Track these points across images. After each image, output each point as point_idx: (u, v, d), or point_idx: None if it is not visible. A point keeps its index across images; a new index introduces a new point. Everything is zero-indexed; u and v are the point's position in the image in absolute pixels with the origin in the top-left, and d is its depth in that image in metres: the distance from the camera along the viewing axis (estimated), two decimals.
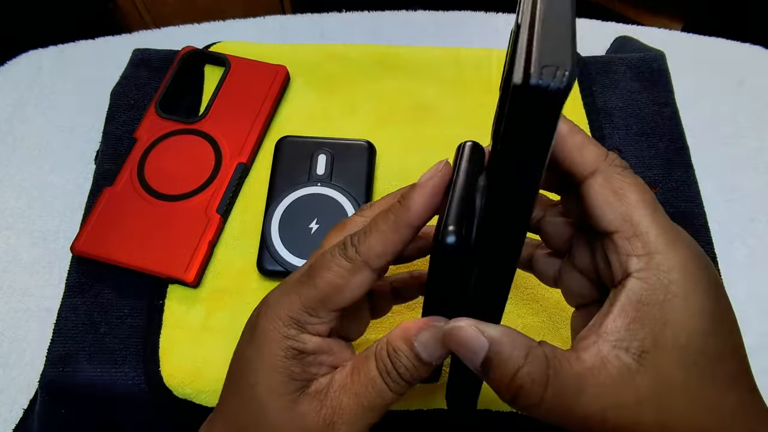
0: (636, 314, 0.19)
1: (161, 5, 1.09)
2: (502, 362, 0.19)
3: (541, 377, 0.19)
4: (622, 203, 0.20)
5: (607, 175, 0.21)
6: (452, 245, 0.19)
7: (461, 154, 0.22)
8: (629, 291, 0.19)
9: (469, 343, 0.20)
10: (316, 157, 0.39)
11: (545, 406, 0.19)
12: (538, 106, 0.14)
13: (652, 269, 0.19)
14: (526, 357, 0.19)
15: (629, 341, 0.19)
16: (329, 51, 0.46)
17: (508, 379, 0.19)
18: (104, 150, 0.41)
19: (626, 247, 0.20)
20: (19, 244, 0.41)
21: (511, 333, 0.20)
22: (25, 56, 0.51)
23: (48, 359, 0.34)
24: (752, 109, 0.46)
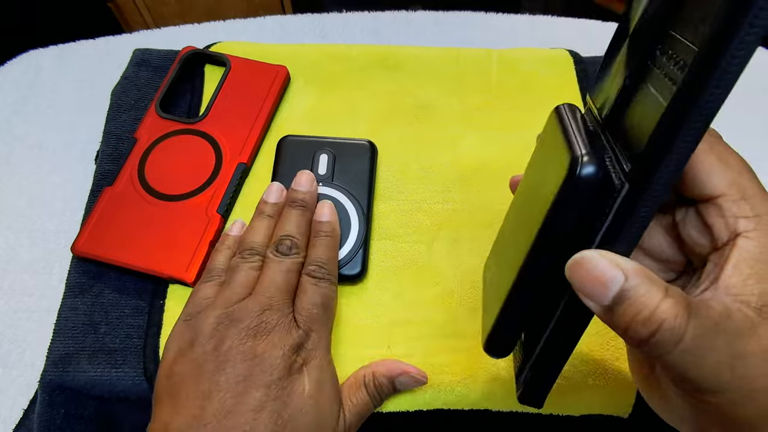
0: (751, 271, 0.19)
1: (161, 5, 1.09)
2: (640, 297, 0.18)
3: (684, 315, 0.18)
4: (728, 168, 0.21)
5: (710, 142, 0.21)
6: (594, 174, 0.18)
7: (565, 111, 0.22)
8: (741, 249, 0.20)
9: (601, 274, 0.18)
10: (317, 157, 0.39)
11: (682, 348, 0.18)
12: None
13: (763, 230, 0.20)
14: (666, 292, 0.18)
15: (749, 296, 0.19)
16: (329, 51, 0.46)
17: (647, 315, 0.18)
18: (104, 150, 0.41)
19: (733, 210, 0.20)
20: (19, 244, 0.41)
21: (645, 269, 0.19)
22: (25, 56, 0.51)
23: (48, 359, 0.34)
24: (753, 110, 0.46)
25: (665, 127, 0.17)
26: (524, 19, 0.53)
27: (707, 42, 0.15)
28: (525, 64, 0.45)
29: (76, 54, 0.51)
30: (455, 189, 0.40)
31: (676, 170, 0.17)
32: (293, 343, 0.28)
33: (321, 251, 0.33)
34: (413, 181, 0.40)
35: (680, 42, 0.17)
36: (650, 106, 0.18)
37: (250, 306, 0.29)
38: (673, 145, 0.17)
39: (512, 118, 0.42)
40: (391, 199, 0.39)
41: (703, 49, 0.15)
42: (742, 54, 0.15)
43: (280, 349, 0.28)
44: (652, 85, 0.19)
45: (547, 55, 0.45)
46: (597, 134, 0.21)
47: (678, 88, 0.16)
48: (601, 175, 0.18)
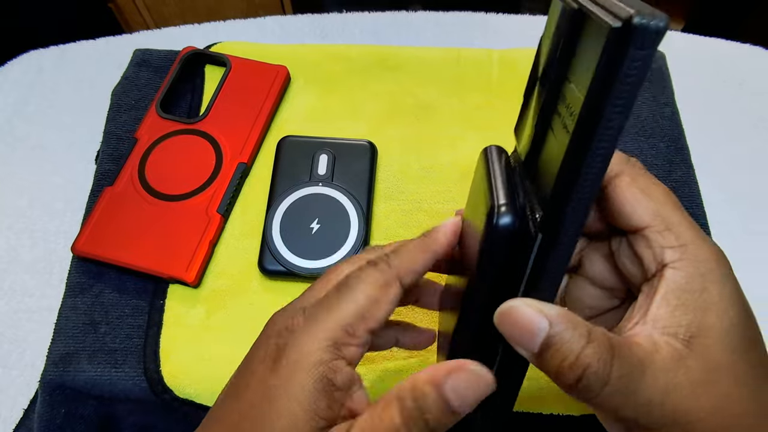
0: (678, 302, 0.20)
1: (162, 5, 1.09)
2: (564, 343, 0.18)
3: (607, 357, 0.18)
4: (651, 200, 0.21)
5: (632, 175, 0.22)
6: (510, 224, 0.19)
7: (490, 155, 0.23)
8: (668, 280, 0.20)
9: (527, 323, 0.18)
10: (317, 157, 0.39)
11: (609, 390, 0.18)
12: (641, 43, 0.14)
13: (688, 259, 0.20)
14: (589, 337, 0.18)
15: (676, 327, 0.19)
16: (329, 51, 0.46)
17: (572, 360, 0.18)
18: (105, 150, 0.41)
19: (659, 240, 0.21)
20: (20, 244, 0.41)
21: (569, 313, 0.19)
22: (25, 56, 0.51)
23: (48, 359, 0.34)
24: (752, 109, 0.46)
25: (564, 178, 0.17)
26: (524, 20, 0.53)
27: (590, 92, 0.16)
28: (525, 64, 0.45)
29: (76, 54, 0.51)
30: (455, 189, 0.40)
31: (581, 218, 0.18)
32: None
33: None
34: (413, 181, 0.40)
35: (572, 90, 0.17)
36: (553, 155, 0.18)
37: None
38: (572, 195, 0.17)
39: (512, 118, 0.42)
40: (391, 199, 0.39)
41: (588, 98, 0.16)
42: (622, 103, 0.15)
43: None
44: (555, 132, 0.19)
45: None
46: (519, 179, 0.22)
47: (569, 139, 0.17)
48: (517, 226, 0.19)
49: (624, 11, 0.14)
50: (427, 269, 0.23)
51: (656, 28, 0.14)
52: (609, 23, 0.15)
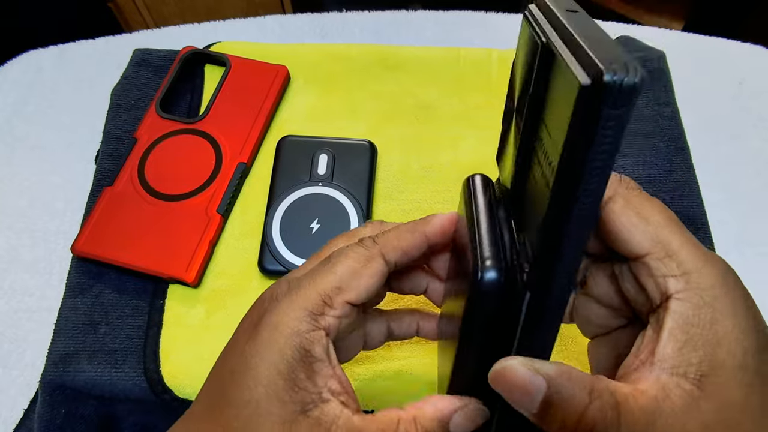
0: (686, 337, 0.18)
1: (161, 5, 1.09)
2: (564, 402, 0.17)
3: (613, 414, 0.17)
4: (648, 224, 0.20)
5: (626, 197, 0.20)
6: (495, 280, 0.18)
7: (473, 189, 0.22)
8: (674, 314, 0.19)
9: (523, 384, 0.18)
10: (317, 157, 0.39)
11: None
12: (613, 102, 0.13)
13: (693, 289, 0.19)
14: (591, 393, 0.17)
15: (686, 366, 0.18)
16: (329, 51, 0.46)
17: (575, 420, 0.17)
18: (104, 150, 0.41)
19: (661, 269, 0.19)
20: (20, 244, 0.41)
21: (568, 369, 0.18)
22: (25, 56, 0.51)
23: (48, 359, 0.34)
24: (752, 109, 0.46)
25: (547, 236, 0.16)
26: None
27: (564, 153, 0.14)
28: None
29: (76, 54, 0.51)
30: (455, 189, 0.39)
31: (570, 270, 0.17)
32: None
33: None
34: (413, 181, 0.40)
35: (547, 137, 0.16)
36: (536, 198, 0.17)
37: None
38: (556, 254, 0.16)
39: None
40: (391, 199, 0.39)
41: (562, 160, 0.15)
42: (600, 165, 0.14)
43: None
44: (534, 176, 0.18)
45: None
46: (504, 214, 0.21)
47: (550, 195, 0.16)
48: (502, 280, 0.18)
49: (593, 65, 0.13)
50: (415, 250, 0.23)
51: (630, 85, 0.13)
52: (578, 80, 0.13)
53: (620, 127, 0.14)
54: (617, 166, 0.40)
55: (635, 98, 0.13)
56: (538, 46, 0.17)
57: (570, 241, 0.16)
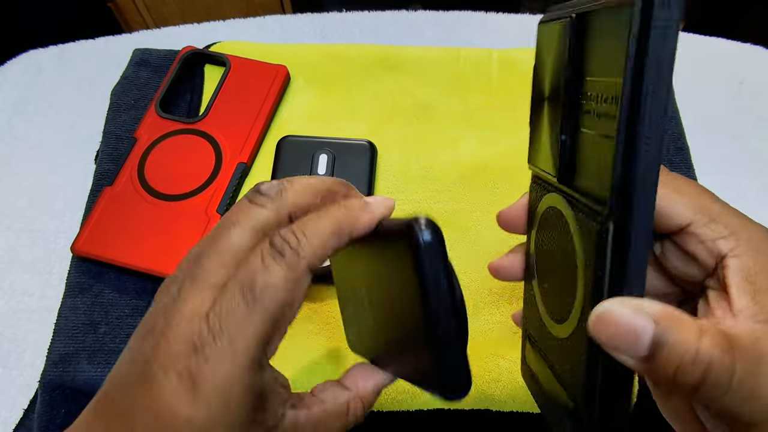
0: (755, 286, 0.19)
1: (161, 5, 1.09)
2: (676, 339, 0.16)
3: (727, 347, 0.16)
4: (688, 197, 0.21)
5: (661, 178, 0.21)
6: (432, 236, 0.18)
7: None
8: (734, 269, 0.19)
9: (629, 325, 0.16)
10: (317, 157, 0.39)
11: (735, 385, 0.16)
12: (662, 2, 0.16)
13: (744, 244, 0.19)
14: (701, 329, 0.17)
15: (766, 312, 0.18)
16: (329, 51, 0.46)
17: (692, 356, 0.16)
18: (104, 150, 0.41)
19: (709, 234, 0.20)
20: (20, 244, 0.41)
21: (671, 307, 0.17)
22: (25, 56, 0.51)
23: (48, 359, 0.34)
24: (752, 109, 0.46)
25: (625, 154, 0.17)
26: (525, 19, 0.53)
27: (629, 61, 0.17)
28: (526, 64, 0.45)
29: (76, 54, 0.51)
30: (455, 189, 0.39)
31: (652, 190, 0.17)
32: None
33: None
34: (413, 181, 0.40)
35: (600, 82, 0.18)
36: (600, 146, 0.18)
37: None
38: (636, 167, 0.17)
39: (512, 118, 0.42)
40: None
41: (628, 68, 0.17)
42: (662, 57, 0.17)
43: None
44: (589, 130, 0.19)
45: None
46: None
47: (618, 119, 0.17)
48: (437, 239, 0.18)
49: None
50: (338, 249, 0.20)
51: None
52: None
53: (673, 30, 0.16)
54: None
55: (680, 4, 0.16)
56: (571, 23, 0.20)
57: (649, 146, 0.17)
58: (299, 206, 0.21)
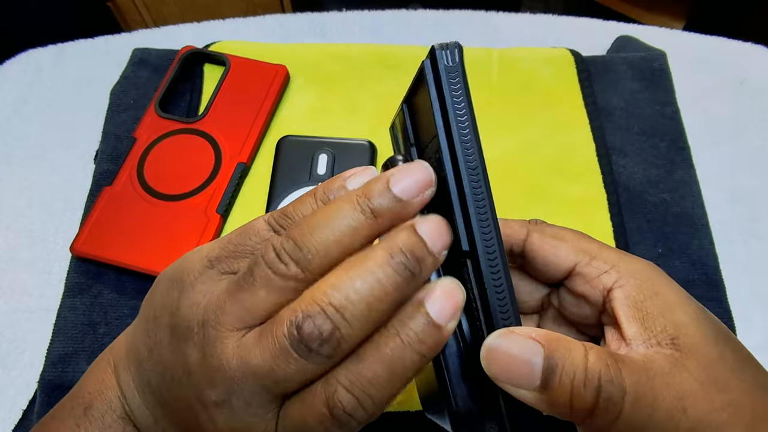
0: (642, 313, 0.19)
1: (161, 5, 1.09)
2: (566, 359, 0.17)
3: (612, 362, 0.17)
4: (566, 242, 0.22)
5: (539, 231, 0.23)
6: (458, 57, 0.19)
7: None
8: (620, 300, 0.20)
9: (520, 354, 0.16)
10: (317, 157, 0.39)
11: (630, 400, 0.17)
12: (448, 56, 0.18)
13: (626, 275, 0.20)
14: (586, 348, 0.17)
15: (656, 336, 0.19)
16: (329, 50, 0.45)
17: (582, 373, 0.17)
18: (104, 150, 0.41)
19: (592, 271, 0.21)
20: (19, 244, 0.41)
21: (553, 332, 0.18)
22: (24, 55, 0.51)
23: (47, 359, 0.34)
24: (753, 109, 0.46)
25: (455, 190, 0.19)
26: (525, 18, 0.53)
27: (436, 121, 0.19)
28: (525, 64, 0.44)
29: (75, 53, 0.51)
30: None
31: (485, 218, 0.18)
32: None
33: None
34: None
35: (431, 145, 0.21)
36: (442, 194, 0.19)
37: None
38: (466, 202, 0.18)
39: (512, 117, 0.42)
40: None
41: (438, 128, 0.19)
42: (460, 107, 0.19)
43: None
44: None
45: (547, 54, 0.45)
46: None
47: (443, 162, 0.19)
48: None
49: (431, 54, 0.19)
50: None
51: (454, 45, 0.18)
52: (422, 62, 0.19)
53: (459, 74, 0.18)
54: (618, 166, 0.40)
55: (459, 54, 0.18)
56: (404, 113, 0.23)
57: (472, 190, 0.18)
58: (330, 265, 0.18)
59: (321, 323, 0.16)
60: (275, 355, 0.16)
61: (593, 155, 0.41)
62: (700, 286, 0.36)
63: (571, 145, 0.41)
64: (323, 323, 0.16)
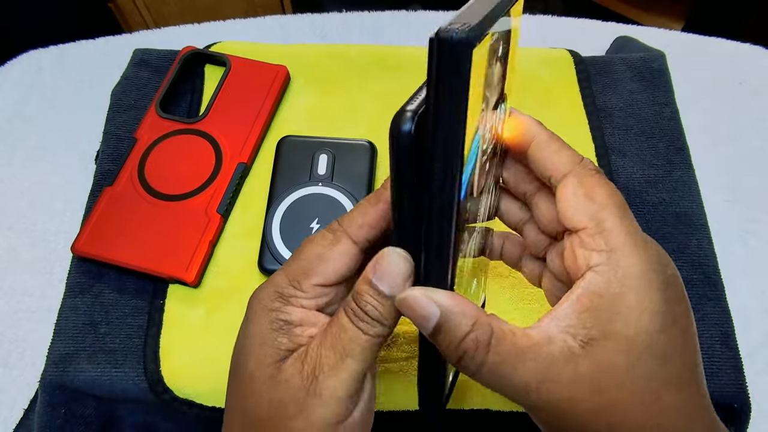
0: (589, 305, 0.20)
1: (161, 5, 1.09)
2: (451, 328, 0.20)
3: (485, 343, 0.20)
4: (592, 202, 0.22)
5: (580, 176, 0.22)
6: (408, 132, 0.20)
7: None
8: (587, 282, 0.21)
9: (421, 310, 0.20)
10: (317, 157, 0.39)
11: (486, 370, 0.20)
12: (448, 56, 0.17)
13: (611, 264, 0.21)
14: (473, 325, 0.20)
15: (577, 328, 0.20)
16: (329, 51, 0.46)
17: (456, 344, 0.20)
18: (104, 150, 0.41)
19: (590, 243, 0.21)
20: (20, 244, 0.41)
21: (461, 302, 0.20)
22: (25, 56, 0.51)
23: (48, 359, 0.34)
24: (752, 109, 0.46)
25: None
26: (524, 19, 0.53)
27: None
28: (525, 64, 0.45)
29: (76, 54, 0.51)
30: None
31: (439, 198, 0.19)
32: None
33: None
34: None
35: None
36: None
37: None
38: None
39: None
40: None
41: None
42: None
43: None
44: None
45: (547, 54, 0.45)
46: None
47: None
48: (413, 135, 0.21)
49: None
50: (382, 221, 0.23)
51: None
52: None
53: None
54: (617, 166, 0.40)
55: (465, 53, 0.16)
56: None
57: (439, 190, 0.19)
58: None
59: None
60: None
61: (592, 155, 0.41)
62: (699, 285, 0.36)
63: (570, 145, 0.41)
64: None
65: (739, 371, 0.34)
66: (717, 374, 0.34)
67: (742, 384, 0.34)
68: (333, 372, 0.21)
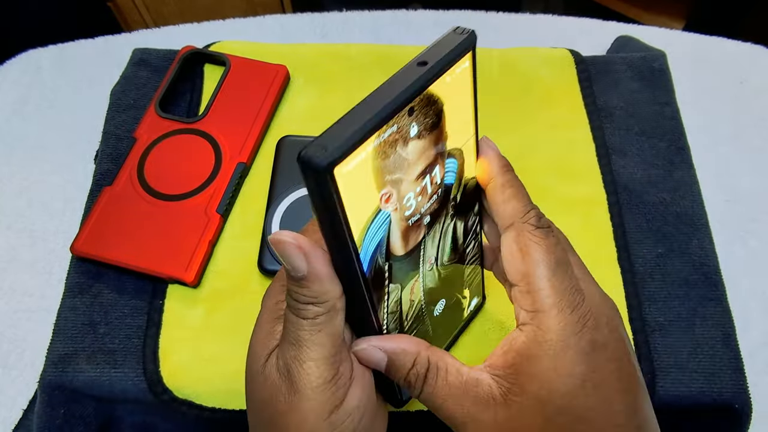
0: (512, 361, 0.22)
1: (161, 5, 1.09)
2: (397, 367, 0.23)
3: (422, 376, 0.23)
4: (524, 260, 0.22)
5: (518, 231, 0.23)
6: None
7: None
8: (514, 339, 0.22)
9: (371, 359, 0.24)
10: None
11: (422, 397, 0.23)
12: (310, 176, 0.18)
13: (534, 326, 0.22)
14: (414, 363, 0.23)
15: (501, 381, 0.22)
16: (329, 50, 0.46)
17: (403, 377, 0.24)
18: (104, 150, 0.41)
19: (521, 301, 0.22)
20: (19, 244, 0.41)
21: (404, 344, 0.23)
22: (25, 56, 0.51)
23: (48, 359, 0.34)
24: (753, 109, 0.46)
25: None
26: (525, 19, 0.53)
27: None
28: (525, 64, 0.45)
29: (75, 53, 0.51)
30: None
31: (347, 267, 0.20)
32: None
33: None
34: None
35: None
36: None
37: None
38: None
39: (512, 117, 0.42)
40: None
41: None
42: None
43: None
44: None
45: (547, 54, 0.45)
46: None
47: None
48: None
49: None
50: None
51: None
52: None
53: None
54: (618, 166, 0.40)
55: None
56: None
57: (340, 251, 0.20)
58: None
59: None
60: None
61: (593, 155, 0.41)
62: (700, 285, 0.36)
63: (570, 146, 0.41)
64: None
65: (740, 372, 0.34)
66: (717, 375, 0.34)
67: (743, 384, 0.33)
68: (297, 363, 0.22)
